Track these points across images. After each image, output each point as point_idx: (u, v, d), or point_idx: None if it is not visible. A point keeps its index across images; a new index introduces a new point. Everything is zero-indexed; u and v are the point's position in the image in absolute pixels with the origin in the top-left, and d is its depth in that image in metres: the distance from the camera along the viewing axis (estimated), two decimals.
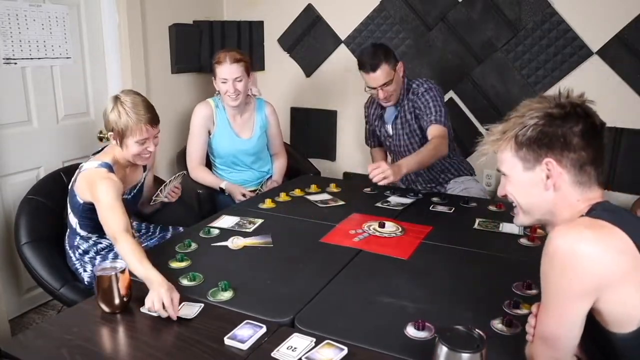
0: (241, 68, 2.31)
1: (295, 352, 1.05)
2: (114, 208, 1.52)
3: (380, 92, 2.19)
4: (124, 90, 1.75)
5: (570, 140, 0.96)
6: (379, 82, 2.16)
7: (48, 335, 1.15)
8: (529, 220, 1.06)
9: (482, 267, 1.48)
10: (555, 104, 0.99)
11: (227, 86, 2.30)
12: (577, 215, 0.96)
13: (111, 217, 1.51)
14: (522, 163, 1.01)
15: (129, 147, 1.67)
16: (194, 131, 2.43)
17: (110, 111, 1.65)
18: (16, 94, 2.24)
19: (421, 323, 1.13)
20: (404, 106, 2.30)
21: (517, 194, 1.04)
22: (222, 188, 2.39)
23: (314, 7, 3.10)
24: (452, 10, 2.74)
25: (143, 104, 1.68)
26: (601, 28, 2.46)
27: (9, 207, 2.24)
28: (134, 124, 1.63)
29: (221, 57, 2.31)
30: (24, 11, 2.22)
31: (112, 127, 1.66)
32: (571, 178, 0.97)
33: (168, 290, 1.21)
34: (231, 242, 1.63)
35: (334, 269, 1.44)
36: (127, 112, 1.63)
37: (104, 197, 1.55)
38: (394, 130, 2.36)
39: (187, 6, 3.00)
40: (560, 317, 0.92)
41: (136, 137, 1.65)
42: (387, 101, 2.25)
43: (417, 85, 2.28)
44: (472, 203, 2.04)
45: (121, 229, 1.47)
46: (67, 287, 1.74)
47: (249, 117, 2.47)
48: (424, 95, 2.23)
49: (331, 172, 3.26)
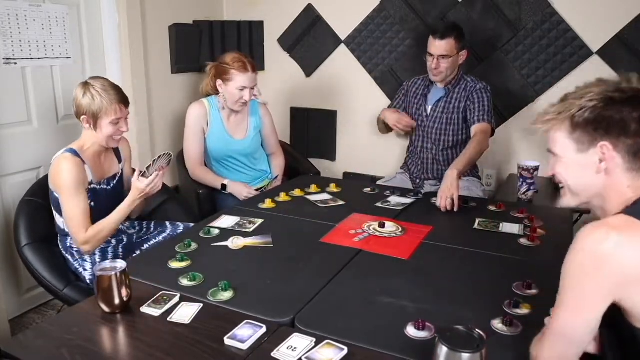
0: (256, 76, 2.34)
1: (295, 352, 1.05)
2: (71, 192, 1.69)
3: (435, 62, 2.36)
4: (91, 77, 1.79)
5: (628, 125, 0.95)
6: (440, 51, 2.33)
7: (48, 335, 1.15)
8: (576, 202, 1.06)
9: (482, 267, 1.48)
10: (615, 88, 0.98)
11: (244, 93, 2.29)
12: (623, 203, 0.96)
13: (70, 204, 1.69)
14: (576, 145, 1.00)
15: (103, 128, 1.74)
16: (190, 130, 2.41)
17: (83, 96, 1.71)
18: (16, 94, 2.24)
19: (421, 323, 1.13)
20: (454, 92, 2.44)
21: (567, 175, 1.04)
22: (224, 185, 2.37)
23: (314, 7, 3.10)
24: (452, 10, 2.74)
25: (112, 86, 1.77)
26: (601, 28, 2.46)
27: (8, 207, 2.24)
28: (108, 104, 1.71)
29: (242, 65, 2.27)
30: (24, 11, 2.22)
31: (86, 111, 1.72)
32: (624, 164, 0.97)
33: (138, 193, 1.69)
34: (231, 242, 1.63)
35: (334, 269, 1.44)
36: (100, 94, 1.71)
37: (65, 179, 1.68)
38: (434, 111, 2.48)
39: (187, 6, 3.00)
40: (576, 314, 0.92)
41: (111, 117, 1.72)
42: (436, 74, 2.40)
43: (473, 81, 2.44)
44: (472, 203, 2.04)
45: (79, 220, 1.69)
46: (70, 287, 1.75)
47: (242, 118, 2.46)
48: (481, 91, 2.39)
49: (331, 172, 3.26)
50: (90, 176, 1.77)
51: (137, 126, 2.73)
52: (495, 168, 2.87)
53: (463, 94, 2.42)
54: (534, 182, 2.25)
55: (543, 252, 1.57)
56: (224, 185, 2.37)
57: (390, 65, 2.98)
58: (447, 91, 2.46)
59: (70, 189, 1.69)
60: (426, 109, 2.52)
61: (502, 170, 2.87)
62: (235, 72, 2.26)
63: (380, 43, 2.97)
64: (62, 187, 1.70)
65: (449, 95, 2.46)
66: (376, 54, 3.01)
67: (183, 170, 2.56)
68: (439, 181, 2.52)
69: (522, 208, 1.94)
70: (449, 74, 2.41)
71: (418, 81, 2.61)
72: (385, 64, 3.00)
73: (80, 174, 1.71)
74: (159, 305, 1.24)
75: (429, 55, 2.39)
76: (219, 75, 2.32)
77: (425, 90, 2.54)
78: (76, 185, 1.69)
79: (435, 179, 2.54)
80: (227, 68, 2.28)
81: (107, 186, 1.86)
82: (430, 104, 2.51)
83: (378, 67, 3.02)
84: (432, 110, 2.50)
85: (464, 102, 2.42)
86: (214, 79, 2.35)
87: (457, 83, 2.46)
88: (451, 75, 2.43)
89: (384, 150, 3.11)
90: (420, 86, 2.58)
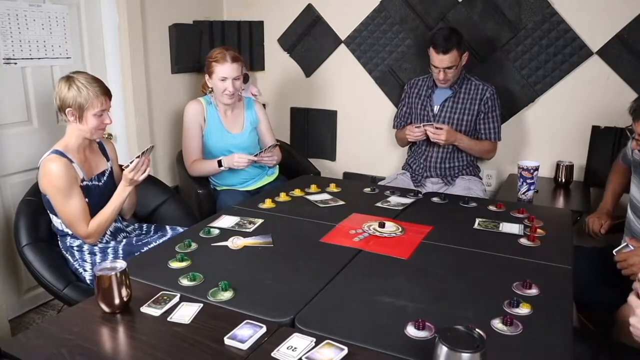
0: (240, 67, 2.36)
1: (296, 352, 1.05)
2: (65, 192, 1.73)
3: (442, 74, 2.40)
4: (72, 72, 1.81)
5: None
6: (445, 65, 2.37)
7: (48, 335, 1.15)
8: None
9: (482, 267, 1.48)
10: None
11: (226, 84, 2.34)
12: None
13: (67, 203, 1.73)
14: None
15: (88, 120, 1.77)
16: (188, 127, 2.45)
17: (68, 89, 1.74)
18: (16, 94, 2.24)
19: (421, 323, 1.13)
20: (460, 92, 2.50)
21: None
22: (220, 162, 2.38)
23: (314, 7, 3.10)
24: (452, 10, 2.74)
25: (95, 79, 1.80)
26: (601, 28, 2.46)
27: (8, 207, 2.24)
28: (94, 96, 1.75)
29: (221, 56, 2.33)
30: (24, 11, 2.22)
31: (71, 103, 1.75)
32: None
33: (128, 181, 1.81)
34: (231, 242, 1.63)
35: (334, 269, 1.44)
36: (86, 86, 1.75)
37: (55, 181, 1.72)
38: (441, 110, 2.51)
39: (187, 6, 3.00)
40: None
41: (96, 109, 1.76)
42: (444, 82, 2.45)
43: (479, 81, 2.49)
44: (472, 203, 2.04)
45: (79, 217, 1.76)
46: (70, 287, 1.75)
47: (239, 114, 2.52)
48: (492, 100, 2.48)
49: (331, 172, 3.26)
50: (81, 173, 1.80)
51: (137, 126, 2.73)
52: (495, 168, 2.87)
53: (474, 96, 2.47)
54: (534, 182, 2.25)
55: (543, 252, 1.57)
56: (220, 163, 2.39)
57: (390, 65, 2.98)
58: (454, 91, 2.49)
59: (64, 189, 1.72)
60: (432, 109, 2.53)
61: (502, 170, 2.87)
62: (215, 63, 2.34)
63: (380, 43, 2.97)
64: (54, 189, 1.73)
65: (456, 95, 2.49)
66: (376, 54, 3.01)
67: (183, 171, 2.57)
68: (441, 179, 2.55)
69: (522, 208, 1.94)
70: (455, 78, 2.47)
71: (419, 82, 2.62)
72: (385, 64, 3.00)
73: (70, 173, 1.74)
74: (159, 305, 1.24)
75: (434, 67, 2.42)
76: (206, 70, 2.40)
77: (429, 90, 2.56)
78: (68, 184, 1.73)
79: (439, 177, 2.56)
80: (210, 61, 2.36)
81: (99, 182, 1.89)
82: (437, 104, 2.53)
83: (378, 67, 3.02)
84: (440, 110, 2.52)
85: (475, 105, 2.47)
86: (207, 76, 2.42)
87: (462, 82, 2.49)
88: (456, 77, 2.47)
89: (384, 150, 3.11)
90: (423, 86, 2.59)
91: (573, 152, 2.65)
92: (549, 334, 1.13)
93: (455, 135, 2.40)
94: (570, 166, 2.58)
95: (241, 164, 2.34)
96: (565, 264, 1.49)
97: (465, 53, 2.43)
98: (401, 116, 2.71)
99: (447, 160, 2.54)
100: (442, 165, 2.55)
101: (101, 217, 1.82)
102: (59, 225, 1.83)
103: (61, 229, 1.83)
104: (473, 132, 2.52)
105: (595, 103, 2.55)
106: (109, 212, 1.84)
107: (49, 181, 1.73)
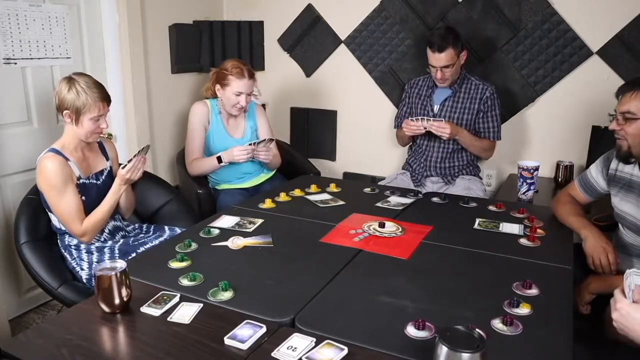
0: (254, 82, 2.43)
1: (296, 352, 1.05)
2: (59, 189, 1.73)
3: (439, 73, 2.40)
4: (75, 73, 1.81)
5: None
6: (442, 63, 2.36)
7: (48, 335, 1.15)
8: None
9: (482, 267, 1.48)
10: None
11: (240, 98, 2.39)
12: None
13: (61, 201, 1.74)
14: None
15: (84, 124, 1.77)
16: (193, 127, 2.48)
17: (68, 91, 1.74)
18: (16, 94, 2.24)
19: (421, 323, 1.13)
20: (460, 92, 2.49)
21: None
22: (219, 158, 2.39)
23: (314, 7, 3.10)
24: (452, 10, 2.74)
25: (96, 83, 1.79)
26: (601, 28, 2.46)
27: (8, 207, 2.24)
28: (92, 101, 1.75)
29: (238, 71, 2.37)
30: (24, 11, 2.22)
31: (68, 106, 1.75)
32: None
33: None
34: (231, 242, 1.63)
35: (334, 269, 1.44)
36: (85, 90, 1.74)
37: (50, 178, 1.72)
38: (441, 110, 2.51)
39: (187, 6, 3.00)
40: None
41: (93, 114, 1.76)
42: (442, 82, 2.44)
43: (478, 80, 2.48)
44: (472, 203, 2.04)
45: (73, 215, 1.76)
46: (65, 286, 1.74)
47: (241, 119, 2.57)
48: (491, 100, 2.47)
49: (331, 172, 3.26)
50: (77, 171, 1.80)
51: (137, 126, 2.73)
52: (495, 168, 2.87)
53: (473, 95, 2.47)
54: (534, 182, 2.25)
55: (543, 252, 1.57)
56: (219, 159, 2.40)
57: (390, 65, 2.98)
58: (454, 90, 2.49)
59: (58, 187, 1.73)
60: (433, 109, 2.54)
61: (502, 170, 2.87)
62: (233, 77, 2.36)
63: (380, 43, 2.97)
64: (48, 186, 1.74)
65: (456, 94, 2.49)
66: (376, 54, 3.01)
67: (183, 170, 2.57)
68: (441, 178, 2.55)
69: (522, 208, 1.94)
70: (455, 77, 2.46)
71: (419, 82, 2.63)
72: (385, 64, 3.00)
73: (65, 171, 1.74)
74: (159, 305, 1.24)
75: (432, 67, 2.42)
76: (218, 80, 2.42)
77: (429, 90, 2.57)
78: (63, 182, 1.74)
79: (439, 176, 2.56)
80: (225, 74, 2.39)
81: (97, 181, 1.89)
82: (437, 104, 2.53)
83: (378, 67, 3.02)
84: (440, 110, 2.52)
85: (475, 105, 2.46)
86: (214, 84, 2.44)
87: (462, 82, 2.49)
88: (455, 76, 2.46)
89: (384, 150, 3.11)
90: (423, 86, 2.60)
91: (573, 152, 2.65)
92: (549, 334, 1.13)
93: (457, 128, 2.41)
94: (570, 166, 2.58)
95: (242, 157, 2.35)
96: (565, 264, 1.49)
97: (464, 52, 2.42)
98: (402, 116, 2.71)
99: (448, 160, 2.54)
100: (443, 164, 2.55)
101: (95, 215, 1.82)
102: (57, 223, 1.83)
103: (60, 227, 1.83)
104: (473, 131, 2.52)
105: (595, 103, 2.55)
106: (103, 210, 1.83)
107: (44, 178, 1.74)
